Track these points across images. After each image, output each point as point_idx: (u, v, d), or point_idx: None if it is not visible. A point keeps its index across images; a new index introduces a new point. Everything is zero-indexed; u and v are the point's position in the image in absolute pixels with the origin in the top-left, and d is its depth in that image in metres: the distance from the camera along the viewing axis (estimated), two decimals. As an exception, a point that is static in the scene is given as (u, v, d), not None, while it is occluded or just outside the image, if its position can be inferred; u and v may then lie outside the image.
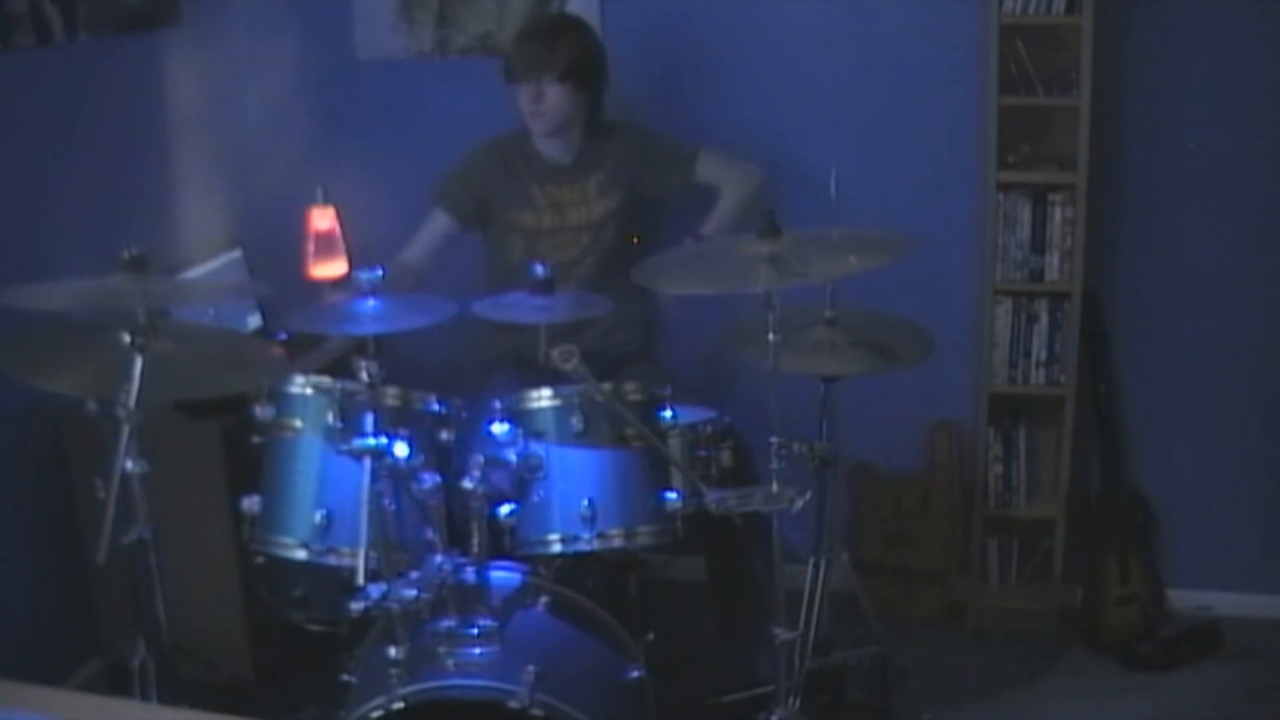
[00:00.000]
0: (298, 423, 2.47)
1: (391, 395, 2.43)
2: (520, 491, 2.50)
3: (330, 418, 2.42)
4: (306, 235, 3.37)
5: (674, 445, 2.56)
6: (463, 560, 2.39)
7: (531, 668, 2.26)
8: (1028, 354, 3.42)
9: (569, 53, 3.13)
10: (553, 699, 2.25)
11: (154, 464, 2.24)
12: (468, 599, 2.36)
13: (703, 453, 2.61)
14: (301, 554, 2.44)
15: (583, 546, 2.49)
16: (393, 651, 2.26)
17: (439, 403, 2.52)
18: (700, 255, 2.78)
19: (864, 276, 2.35)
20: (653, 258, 2.62)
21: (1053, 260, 3.35)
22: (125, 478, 2.20)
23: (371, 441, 2.30)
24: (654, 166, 3.31)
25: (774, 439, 2.41)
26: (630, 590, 2.81)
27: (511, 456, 2.48)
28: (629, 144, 3.31)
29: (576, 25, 3.26)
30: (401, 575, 2.32)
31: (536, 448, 2.50)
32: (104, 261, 2.29)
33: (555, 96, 3.13)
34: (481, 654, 2.30)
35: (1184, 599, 3.57)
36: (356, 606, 2.29)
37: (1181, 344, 3.48)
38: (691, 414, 2.66)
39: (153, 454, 2.24)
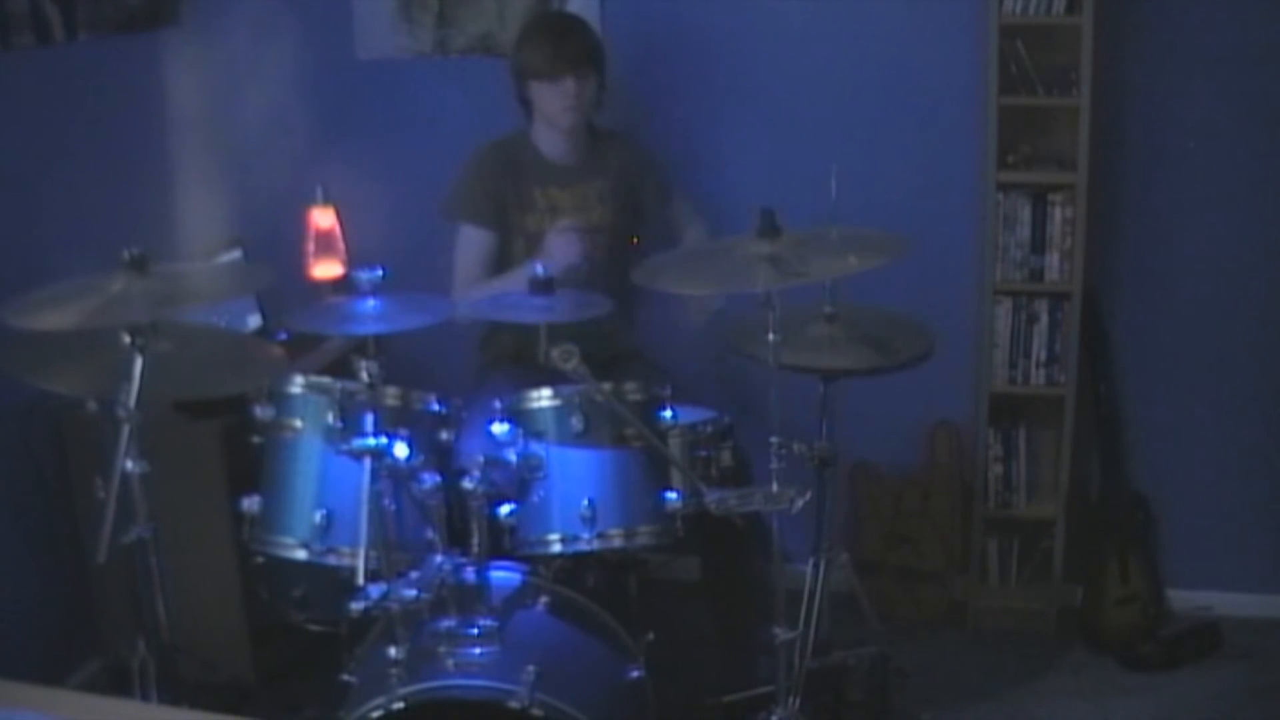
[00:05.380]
0: (298, 423, 2.47)
1: (391, 395, 2.43)
2: (520, 491, 2.50)
3: (330, 418, 2.42)
4: (306, 235, 3.38)
5: (674, 445, 2.56)
6: (463, 560, 2.40)
7: (531, 668, 2.26)
8: (1028, 354, 3.42)
9: (593, 45, 3.18)
10: (553, 699, 2.25)
11: (154, 464, 2.24)
12: (468, 599, 2.36)
13: (703, 453, 2.60)
14: (301, 554, 2.44)
15: (583, 546, 2.49)
16: (393, 651, 2.26)
17: (439, 403, 2.52)
18: (700, 255, 2.78)
19: (864, 276, 2.35)
20: (652, 257, 2.62)
21: (1053, 260, 3.35)
22: (125, 478, 2.20)
23: (371, 441, 2.30)
24: (648, 186, 3.35)
25: (774, 439, 2.41)
26: (630, 590, 2.81)
27: (511, 456, 2.49)
28: (630, 157, 3.33)
29: (580, 20, 3.28)
30: (401, 575, 2.32)
31: (536, 448, 2.50)
32: (104, 261, 2.29)
33: (587, 90, 3.15)
34: (481, 654, 2.30)
35: (1184, 599, 3.57)
36: (356, 606, 2.29)
37: (1181, 344, 3.48)
38: (691, 414, 2.66)
39: (153, 454, 2.24)
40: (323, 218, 3.38)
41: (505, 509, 2.48)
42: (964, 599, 3.59)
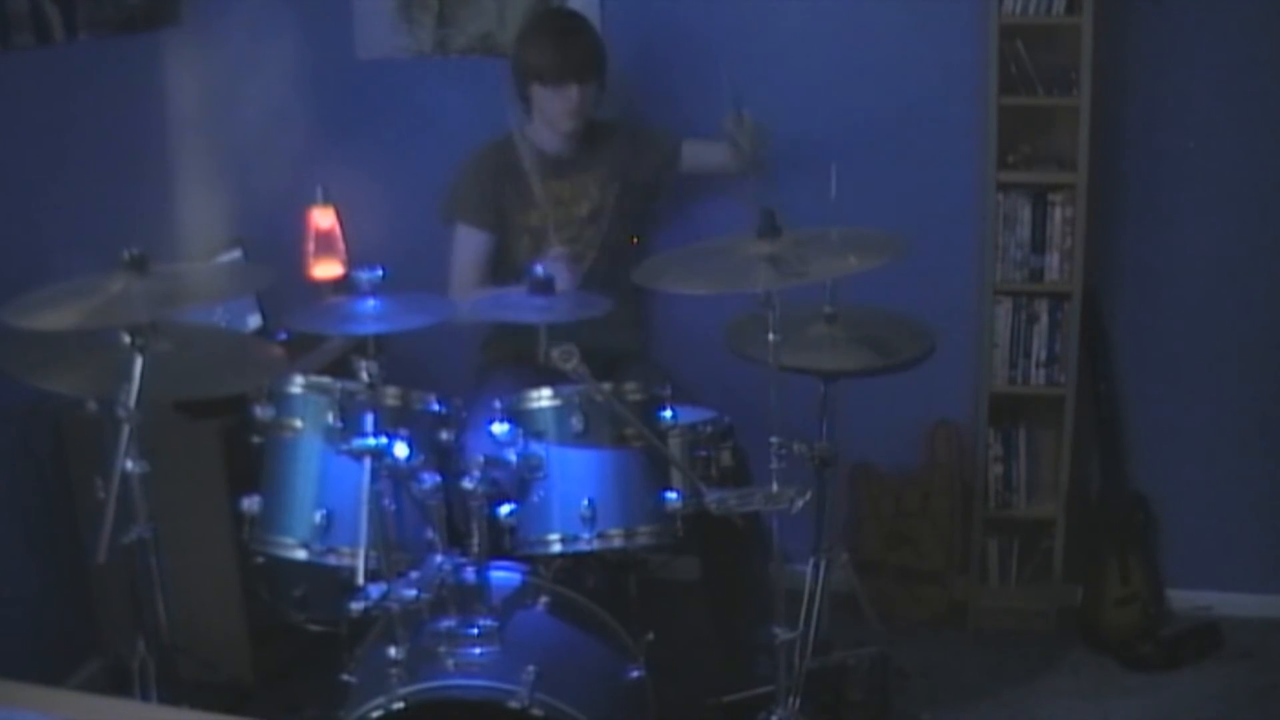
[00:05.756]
0: (298, 423, 2.47)
1: (391, 395, 2.43)
2: (520, 491, 2.50)
3: (330, 418, 2.42)
4: (306, 235, 3.38)
5: (674, 445, 2.56)
6: (463, 560, 2.40)
7: (531, 668, 2.26)
8: (1028, 354, 3.42)
9: (597, 49, 3.18)
10: (553, 699, 2.25)
11: (154, 464, 2.24)
12: (468, 599, 2.36)
13: (703, 453, 2.60)
14: (301, 554, 2.44)
15: (583, 546, 2.49)
16: (393, 651, 2.26)
17: (439, 403, 2.52)
18: (701, 255, 2.78)
19: (864, 276, 2.35)
20: (653, 258, 2.63)
21: (1053, 260, 3.35)
22: (125, 478, 2.20)
23: (371, 441, 2.30)
24: (645, 156, 3.35)
25: (774, 439, 2.41)
26: (630, 590, 2.81)
27: (511, 456, 2.49)
28: (621, 137, 3.34)
29: (585, 21, 3.28)
30: (401, 575, 2.32)
31: (536, 448, 2.50)
32: (104, 261, 2.29)
33: (589, 95, 3.16)
34: (481, 654, 2.30)
35: (1184, 599, 3.57)
36: (356, 606, 2.29)
37: (1181, 344, 3.48)
38: (691, 414, 2.66)
39: (153, 454, 2.24)
40: (323, 218, 3.38)
41: (505, 509, 2.48)
42: (964, 599, 3.58)
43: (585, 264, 3.26)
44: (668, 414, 2.58)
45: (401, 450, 2.33)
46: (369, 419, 2.33)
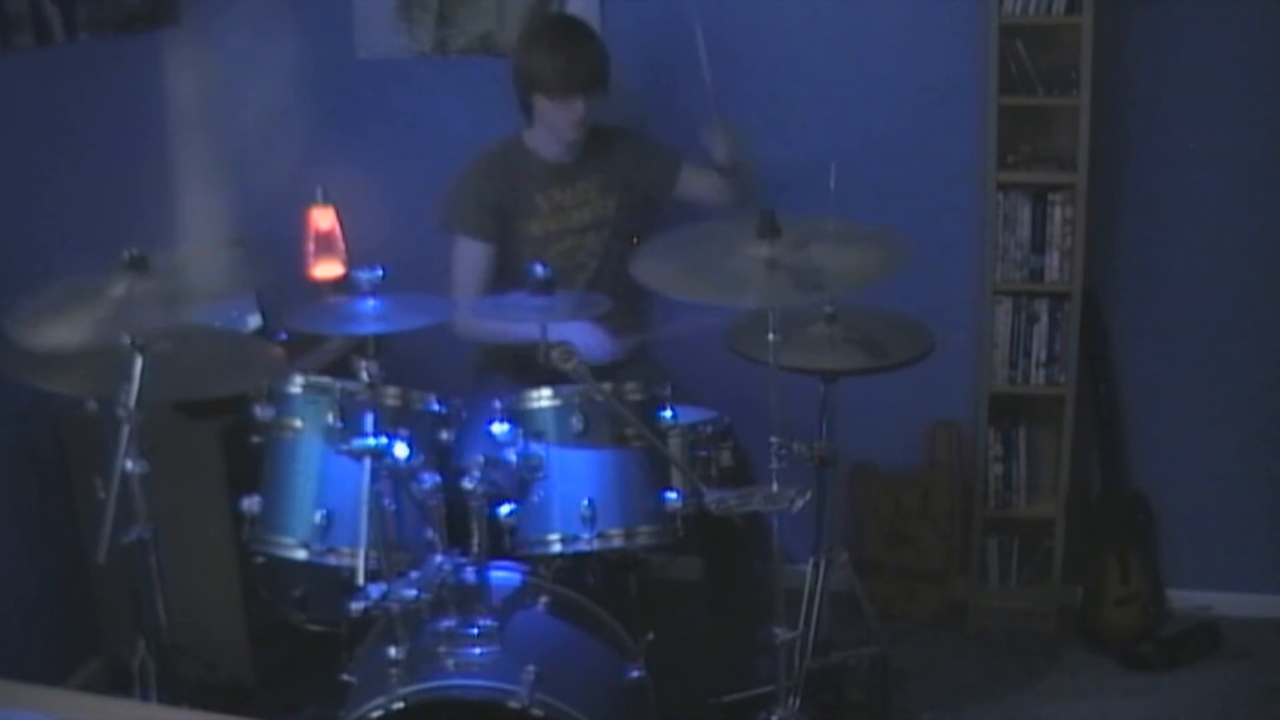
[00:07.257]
0: (298, 423, 2.47)
1: (391, 395, 2.43)
2: (520, 491, 2.50)
3: (330, 418, 2.43)
4: (306, 235, 3.38)
5: (674, 445, 2.56)
6: (463, 560, 2.40)
7: (531, 668, 2.26)
8: (1028, 354, 3.42)
9: (602, 60, 3.12)
10: (553, 699, 2.25)
11: (154, 464, 2.24)
12: (468, 599, 2.36)
13: (703, 453, 2.61)
14: (301, 554, 2.44)
15: (583, 546, 2.49)
16: (393, 651, 2.26)
17: (439, 403, 2.53)
18: (701, 259, 2.77)
19: (864, 276, 2.35)
20: (651, 254, 2.61)
21: (1053, 260, 3.35)
22: (125, 478, 2.20)
23: (371, 441, 2.30)
24: (647, 166, 3.32)
25: (774, 439, 2.41)
26: (630, 590, 2.81)
27: (511, 456, 2.49)
28: (624, 144, 3.31)
29: (589, 29, 3.23)
30: (401, 575, 2.32)
31: (536, 448, 2.50)
32: (104, 261, 2.29)
33: (594, 106, 3.11)
34: (481, 654, 2.31)
35: (1184, 599, 3.57)
36: (356, 606, 2.29)
37: (1181, 344, 3.48)
38: (691, 414, 2.66)
39: (153, 454, 2.24)
40: (323, 218, 3.38)
41: (505, 509, 2.48)
42: (964, 599, 3.59)
43: (588, 273, 3.24)
44: (668, 414, 2.58)
45: (401, 450, 2.33)
46: (369, 419, 2.33)
